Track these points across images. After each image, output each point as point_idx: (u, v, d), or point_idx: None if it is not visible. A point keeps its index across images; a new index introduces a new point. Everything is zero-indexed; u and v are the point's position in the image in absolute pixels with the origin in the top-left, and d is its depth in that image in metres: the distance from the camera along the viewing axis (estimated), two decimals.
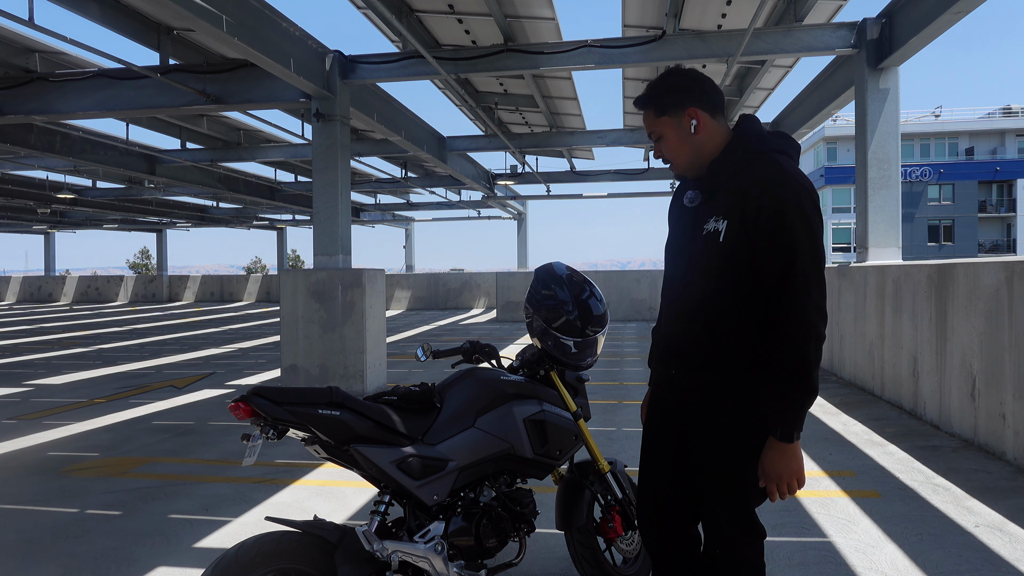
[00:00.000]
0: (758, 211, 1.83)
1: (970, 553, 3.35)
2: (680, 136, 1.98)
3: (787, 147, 1.97)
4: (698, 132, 1.96)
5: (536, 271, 2.93)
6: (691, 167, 2.01)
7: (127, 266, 62.68)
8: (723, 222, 1.89)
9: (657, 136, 2.02)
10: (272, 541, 2.10)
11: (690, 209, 2.03)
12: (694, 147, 1.98)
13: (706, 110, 1.97)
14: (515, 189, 24.00)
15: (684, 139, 1.98)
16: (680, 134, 1.98)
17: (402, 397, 2.52)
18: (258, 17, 7.01)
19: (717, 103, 1.99)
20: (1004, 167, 49.28)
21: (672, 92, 1.99)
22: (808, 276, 1.81)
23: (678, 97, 1.97)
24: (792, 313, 1.80)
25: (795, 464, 1.85)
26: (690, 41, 8.37)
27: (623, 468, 3.07)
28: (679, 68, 2.06)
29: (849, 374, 8.10)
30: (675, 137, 1.98)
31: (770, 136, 1.98)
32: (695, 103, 1.96)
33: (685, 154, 1.99)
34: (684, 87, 1.98)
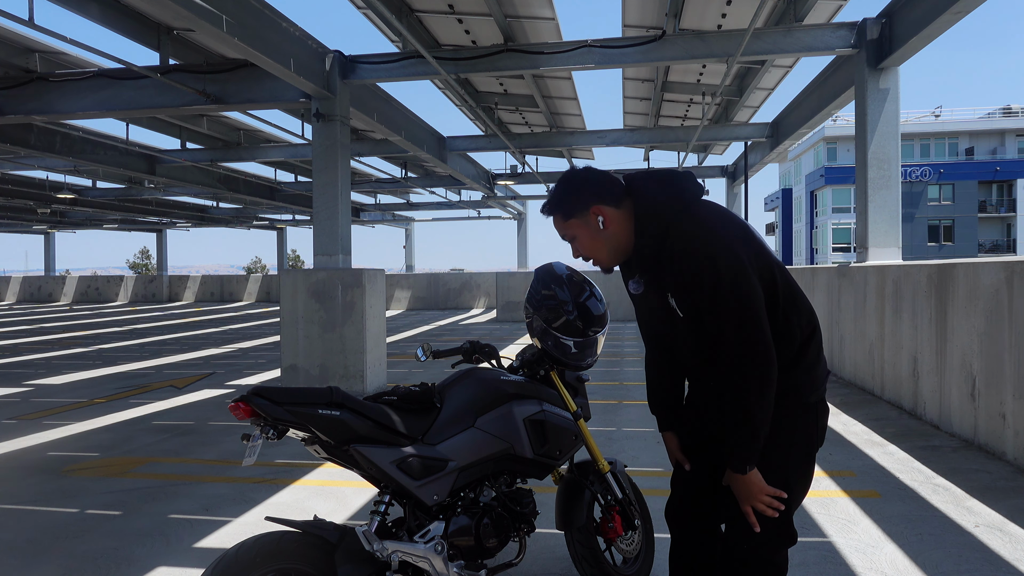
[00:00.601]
0: (684, 289, 1.95)
1: (970, 553, 3.35)
2: (591, 234, 2.07)
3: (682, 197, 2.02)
4: (607, 227, 2.05)
5: (536, 271, 2.93)
6: (613, 258, 2.10)
7: (127, 266, 62.72)
8: (672, 299, 2.00)
9: (570, 238, 2.11)
10: (272, 541, 2.10)
11: (640, 295, 2.14)
12: (608, 240, 2.07)
13: (609, 204, 2.04)
14: (515, 189, 23.99)
15: (596, 236, 2.07)
16: (591, 232, 2.06)
17: (402, 397, 2.52)
18: (258, 17, 7.01)
19: (617, 193, 2.06)
20: (1004, 167, 49.29)
21: (573, 195, 2.06)
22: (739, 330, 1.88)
23: (580, 199, 2.05)
24: (735, 361, 1.89)
25: (754, 488, 1.96)
26: (690, 41, 8.37)
27: (623, 468, 3.07)
28: (575, 169, 2.13)
29: (849, 374, 8.10)
30: (588, 236, 2.07)
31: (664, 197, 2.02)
32: (597, 200, 2.04)
33: (602, 249, 2.08)
34: (583, 188, 2.06)
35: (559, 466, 2.88)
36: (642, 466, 4.88)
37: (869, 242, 8.17)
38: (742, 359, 1.88)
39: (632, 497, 3.02)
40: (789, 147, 13.96)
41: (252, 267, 62.27)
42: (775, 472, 2.00)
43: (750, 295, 1.89)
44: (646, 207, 2.02)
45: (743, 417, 1.90)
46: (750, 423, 1.89)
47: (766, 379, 1.88)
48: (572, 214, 2.07)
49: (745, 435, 1.91)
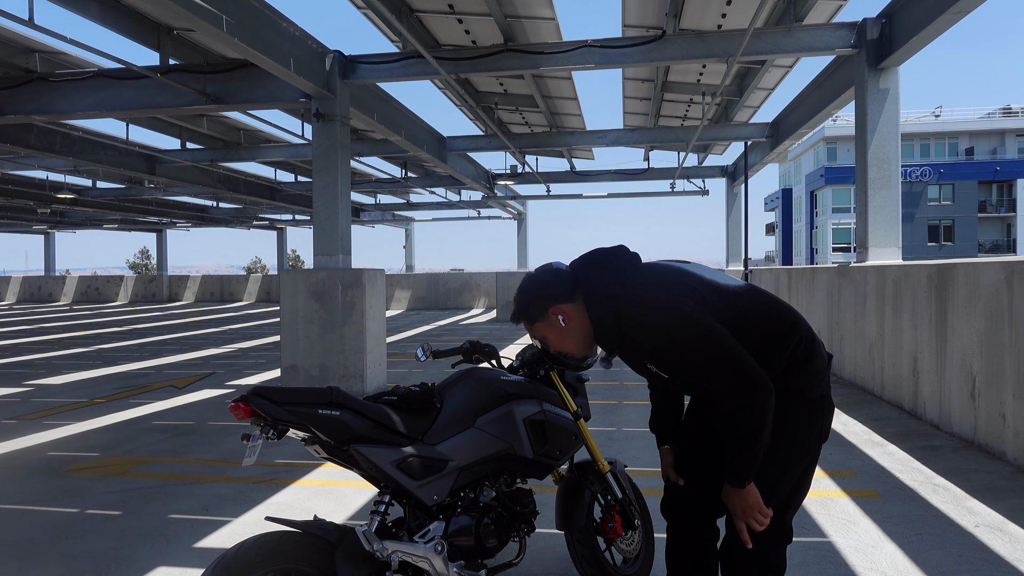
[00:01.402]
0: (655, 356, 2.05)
1: (970, 553, 3.35)
2: (557, 332, 2.20)
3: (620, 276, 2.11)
4: (568, 323, 2.17)
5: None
6: (582, 348, 2.23)
7: (127, 266, 62.73)
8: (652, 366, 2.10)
9: (541, 338, 2.25)
10: (272, 541, 2.10)
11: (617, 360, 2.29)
12: (573, 334, 2.19)
13: (564, 301, 2.17)
14: (515, 189, 23.99)
15: (561, 333, 2.20)
16: (556, 330, 2.20)
17: (402, 397, 2.52)
18: (258, 17, 7.01)
19: (568, 290, 2.17)
20: (1004, 167, 49.28)
21: (532, 303, 2.21)
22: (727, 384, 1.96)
23: (538, 304, 2.20)
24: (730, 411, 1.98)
25: (750, 500, 2.04)
26: (690, 41, 8.37)
27: (623, 468, 3.07)
28: (529, 276, 2.28)
29: (849, 374, 8.10)
30: (554, 334, 2.21)
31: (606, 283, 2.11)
32: (552, 302, 2.17)
33: (571, 342, 2.21)
34: (538, 294, 2.20)
35: (559, 466, 2.88)
36: (642, 466, 4.88)
37: (869, 242, 8.17)
38: (735, 403, 1.96)
39: (632, 497, 3.02)
40: (789, 147, 13.96)
41: (252, 267, 62.29)
42: (773, 467, 2.07)
43: (708, 338, 1.96)
44: (593, 299, 2.13)
45: (745, 444, 1.98)
46: (752, 449, 1.98)
47: (763, 406, 1.95)
48: (535, 319, 2.21)
49: (746, 457, 1.99)
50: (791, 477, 2.10)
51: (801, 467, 2.11)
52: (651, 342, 2.01)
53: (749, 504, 2.03)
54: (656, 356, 2.04)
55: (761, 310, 2.08)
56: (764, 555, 2.12)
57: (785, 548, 2.17)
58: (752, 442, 1.96)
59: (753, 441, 1.96)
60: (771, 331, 2.06)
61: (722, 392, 1.96)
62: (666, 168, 18.81)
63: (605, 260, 2.19)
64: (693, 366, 1.98)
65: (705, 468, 2.28)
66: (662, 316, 1.99)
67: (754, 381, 1.93)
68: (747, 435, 1.96)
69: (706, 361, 1.95)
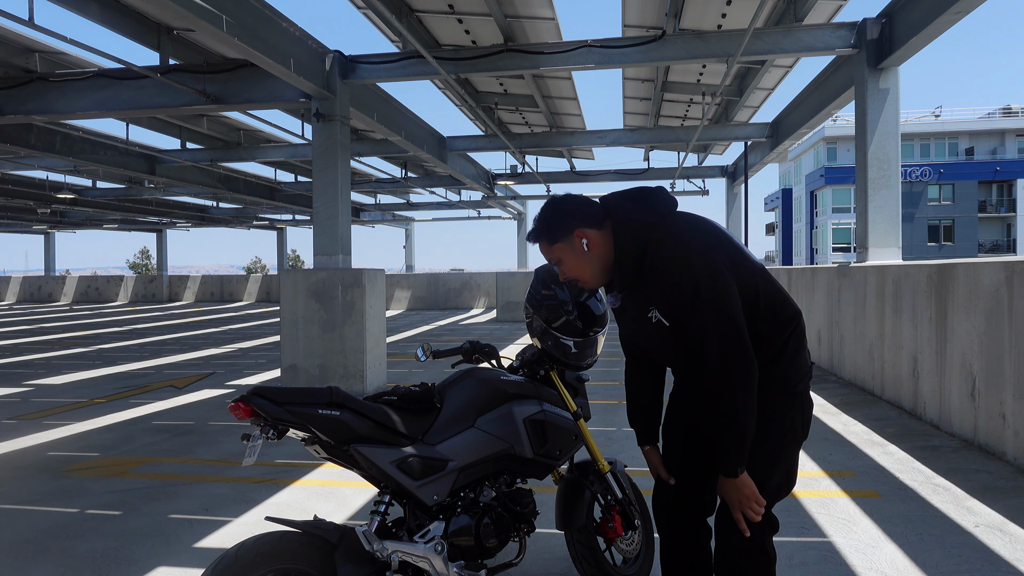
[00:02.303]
0: (666, 299, 2.02)
1: (970, 553, 3.35)
2: (577, 257, 2.14)
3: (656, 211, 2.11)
4: (591, 248, 2.13)
5: (536, 271, 2.93)
6: (598, 278, 2.18)
7: (127, 266, 62.74)
8: (655, 311, 2.07)
9: (556, 261, 2.18)
10: (272, 541, 2.10)
11: (619, 308, 2.22)
12: (592, 262, 2.15)
13: (591, 226, 2.13)
14: (515, 189, 23.99)
15: (581, 258, 2.14)
16: (576, 255, 2.14)
17: (402, 397, 2.52)
18: (258, 17, 7.01)
19: (597, 216, 2.15)
20: (1004, 167, 49.28)
21: (557, 221, 2.15)
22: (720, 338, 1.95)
23: (565, 223, 2.14)
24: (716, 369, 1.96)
25: (745, 491, 2.02)
26: (690, 41, 8.37)
27: (623, 468, 3.06)
28: (557, 196, 2.22)
29: (849, 374, 8.10)
30: (573, 259, 2.15)
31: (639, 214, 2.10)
32: (580, 224, 2.12)
33: (588, 270, 2.16)
34: (566, 213, 2.15)
35: (559, 466, 2.88)
36: (642, 466, 4.88)
37: (869, 242, 8.17)
38: (724, 362, 1.94)
39: (632, 497, 3.02)
40: (789, 147, 13.96)
41: (252, 267, 62.29)
42: (763, 459, 2.07)
43: (726, 297, 1.96)
44: (624, 225, 2.10)
45: (729, 419, 1.96)
46: (737, 424, 1.95)
47: (748, 379, 1.94)
48: (557, 239, 2.15)
49: (733, 438, 1.96)
50: (782, 468, 2.12)
51: (791, 458, 2.14)
52: (672, 281, 1.98)
53: (745, 495, 2.01)
54: (669, 299, 2.00)
55: (771, 291, 2.09)
56: (759, 547, 2.12)
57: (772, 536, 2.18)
58: (736, 417, 1.94)
59: (738, 416, 1.94)
60: (775, 314, 2.08)
61: (717, 356, 1.93)
62: (666, 168, 18.82)
63: (643, 196, 2.16)
64: (700, 313, 1.95)
65: (692, 468, 2.28)
66: (692, 260, 1.97)
67: (749, 355, 1.94)
68: (731, 408, 1.93)
69: (718, 320, 1.94)
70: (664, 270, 2.00)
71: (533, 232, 2.21)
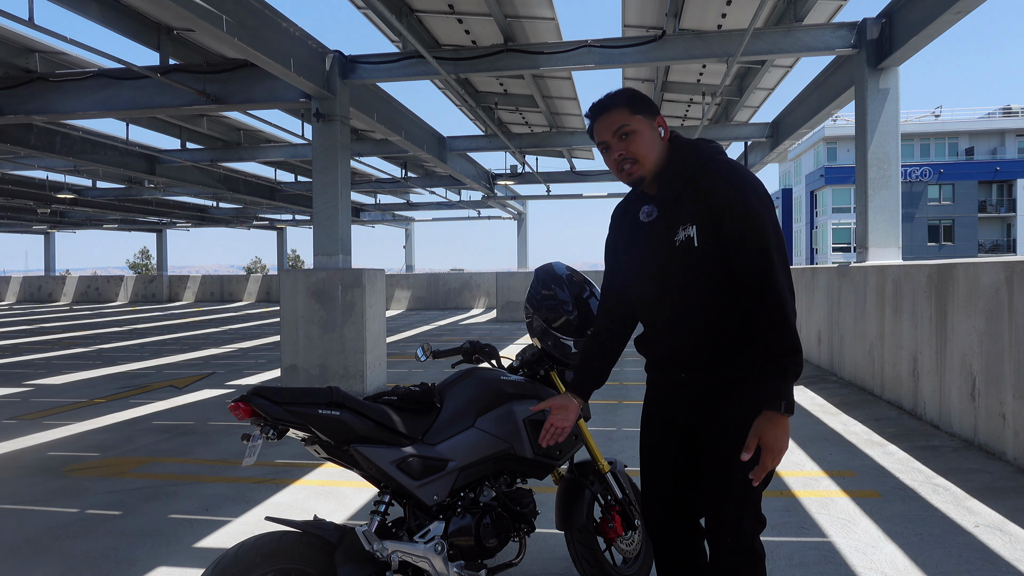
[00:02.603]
0: (723, 211, 1.94)
1: (970, 553, 3.35)
2: (651, 136, 2.06)
3: (720, 149, 2.09)
4: (664, 138, 2.09)
5: (536, 271, 2.93)
6: (654, 166, 2.07)
7: (127, 266, 62.72)
8: (692, 228, 1.98)
9: (627, 132, 2.05)
10: (272, 541, 2.10)
11: (647, 223, 2.11)
12: (659, 150, 2.07)
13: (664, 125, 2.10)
14: (515, 189, 23.99)
15: (653, 140, 2.07)
16: (651, 134, 2.06)
17: (402, 397, 2.52)
18: (258, 17, 7.01)
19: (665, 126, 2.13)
20: (1004, 167, 49.28)
21: (643, 98, 2.08)
22: (777, 263, 1.92)
23: (650, 104, 2.09)
24: (773, 295, 1.90)
25: (788, 434, 1.93)
26: (690, 41, 8.37)
27: (623, 468, 3.06)
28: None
29: (849, 374, 8.10)
30: (647, 136, 2.05)
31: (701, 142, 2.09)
32: (659, 114, 2.10)
33: (653, 153, 2.06)
34: (650, 100, 2.10)
35: (559, 466, 2.88)
36: None
37: (869, 242, 8.17)
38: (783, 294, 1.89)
39: (632, 497, 3.02)
40: (789, 147, 13.95)
41: (252, 267, 62.28)
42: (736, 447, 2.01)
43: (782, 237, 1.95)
44: (686, 142, 2.09)
45: (794, 349, 1.88)
46: (799, 354, 1.88)
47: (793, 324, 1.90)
48: (639, 111, 2.06)
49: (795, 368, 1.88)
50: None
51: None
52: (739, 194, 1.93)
53: (787, 439, 1.90)
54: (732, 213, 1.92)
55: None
56: (750, 545, 2.09)
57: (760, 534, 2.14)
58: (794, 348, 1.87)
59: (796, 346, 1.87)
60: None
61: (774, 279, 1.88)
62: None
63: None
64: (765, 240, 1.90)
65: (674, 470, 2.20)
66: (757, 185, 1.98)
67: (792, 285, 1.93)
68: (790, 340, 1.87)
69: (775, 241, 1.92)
70: (728, 183, 1.95)
71: (609, 98, 2.09)
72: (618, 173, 2.10)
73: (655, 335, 2.17)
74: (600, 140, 2.10)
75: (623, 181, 2.10)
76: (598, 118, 2.10)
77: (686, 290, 2.03)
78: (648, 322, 2.19)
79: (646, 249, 2.11)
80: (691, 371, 2.09)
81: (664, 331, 2.13)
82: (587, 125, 2.17)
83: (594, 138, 2.14)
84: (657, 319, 2.14)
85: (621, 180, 2.11)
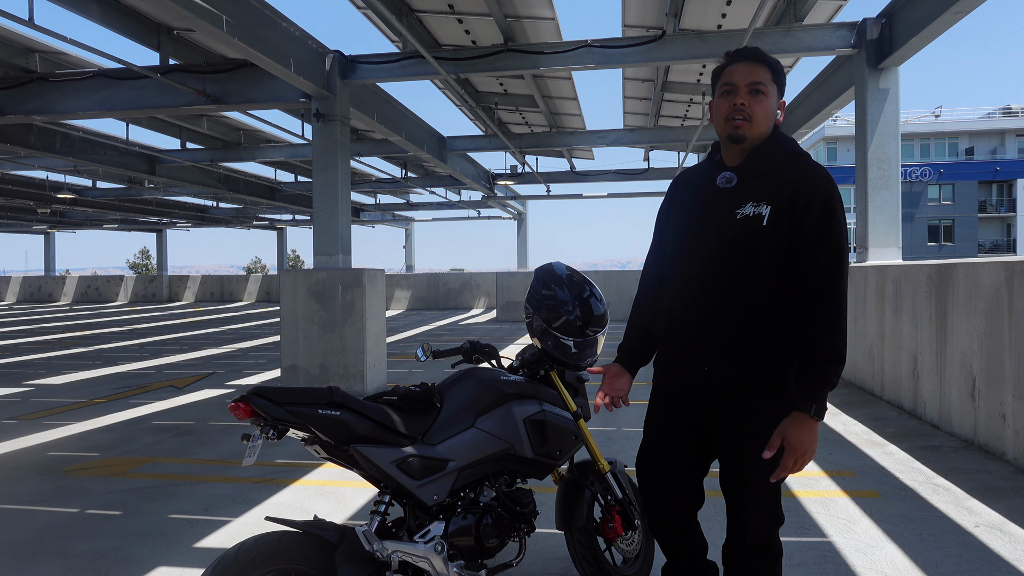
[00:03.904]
0: (808, 205, 1.97)
1: (970, 553, 3.35)
2: (771, 106, 2.08)
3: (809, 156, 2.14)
4: (778, 120, 2.12)
5: (536, 271, 2.93)
6: (758, 137, 2.07)
7: (127, 266, 62.67)
8: (766, 207, 1.99)
9: (760, 90, 2.05)
10: (272, 541, 2.10)
11: (720, 191, 2.08)
12: (771, 121, 2.09)
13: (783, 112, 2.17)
14: (515, 189, 24.00)
15: (772, 114, 2.09)
16: (771, 104, 2.08)
17: (402, 397, 2.52)
18: (258, 17, 7.01)
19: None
20: (1004, 167, 49.27)
21: (784, 76, 2.12)
22: (845, 271, 1.96)
23: (784, 83, 2.13)
24: (835, 301, 1.93)
25: (816, 439, 1.92)
26: (690, 41, 8.37)
27: (623, 468, 3.06)
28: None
29: (849, 374, 8.10)
30: (770, 103, 2.07)
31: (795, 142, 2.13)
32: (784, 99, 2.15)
33: (766, 124, 2.07)
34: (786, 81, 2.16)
35: (559, 466, 2.88)
36: None
37: (869, 242, 8.17)
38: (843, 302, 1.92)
39: (632, 497, 3.02)
40: None
41: (252, 267, 62.23)
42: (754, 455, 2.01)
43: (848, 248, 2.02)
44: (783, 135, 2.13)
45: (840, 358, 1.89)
46: (843, 363, 1.90)
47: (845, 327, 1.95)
48: (778, 83, 2.09)
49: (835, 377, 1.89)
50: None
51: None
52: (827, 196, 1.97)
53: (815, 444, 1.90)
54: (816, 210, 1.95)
55: None
56: (767, 542, 2.09)
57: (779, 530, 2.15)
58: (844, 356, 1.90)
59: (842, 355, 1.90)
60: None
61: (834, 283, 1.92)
62: (666, 168, 18.82)
63: None
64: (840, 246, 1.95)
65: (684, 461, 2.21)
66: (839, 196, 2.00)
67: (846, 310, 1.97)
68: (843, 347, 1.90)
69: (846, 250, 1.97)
70: (818, 185, 1.98)
71: (761, 54, 2.09)
72: (724, 121, 2.06)
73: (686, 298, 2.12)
74: (729, 82, 2.07)
75: (723, 132, 2.08)
76: (741, 62, 2.08)
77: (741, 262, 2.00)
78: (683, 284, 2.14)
79: (706, 214, 2.09)
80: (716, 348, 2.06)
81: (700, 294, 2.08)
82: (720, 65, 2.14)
83: (720, 78, 2.11)
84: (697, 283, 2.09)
85: (721, 130, 2.09)
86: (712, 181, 2.11)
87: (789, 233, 1.97)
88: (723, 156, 2.14)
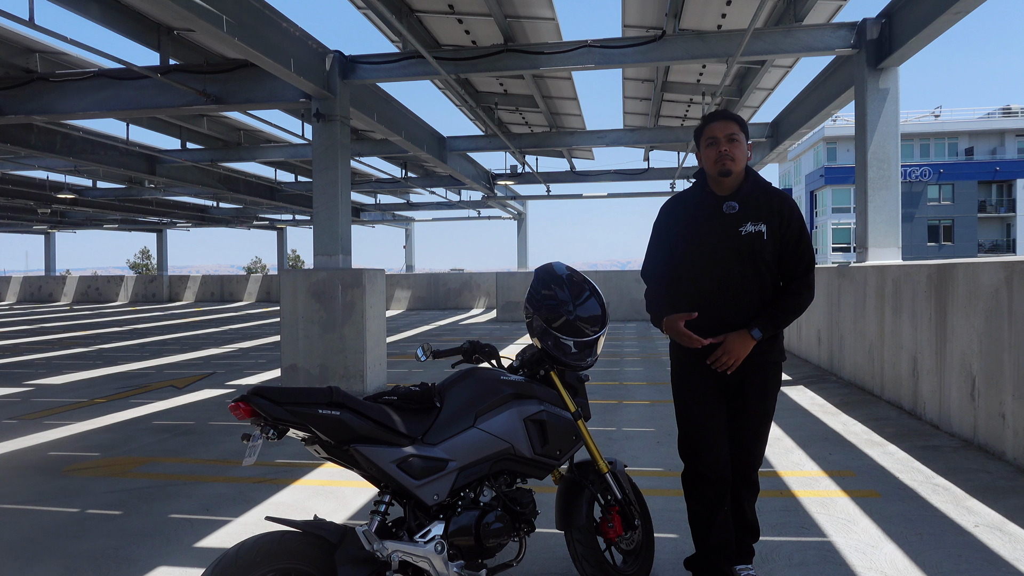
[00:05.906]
0: (789, 223, 2.83)
1: (970, 553, 3.35)
2: (745, 148, 2.85)
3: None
4: (748, 159, 2.89)
5: (536, 271, 2.93)
6: (739, 173, 2.83)
7: (127, 266, 62.68)
8: (763, 225, 2.79)
9: (735, 139, 2.81)
10: (272, 541, 2.10)
11: (726, 215, 2.83)
12: (745, 161, 2.85)
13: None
14: (515, 189, 24.00)
15: (745, 156, 2.85)
16: (745, 147, 2.85)
17: (402, 397, 2.52)
18: (258, 17, 7.01)
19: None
20: (1004, 167, 49.27)
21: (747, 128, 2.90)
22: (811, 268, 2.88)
23: (748, 131, 2.92)
24: (810, 280, 2.86)
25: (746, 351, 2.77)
26: (690, 41, 8.37)
27: (623, 468, 3.07)
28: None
29: (849, 374, 8.10)
30: (743, 150, 2.83)
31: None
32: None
33: (742, 163, 2.84)
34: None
35: (559, 466, 2.88)
36: (642, 466, 4.89)
37: (869, 242, 8.17)
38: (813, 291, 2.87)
39: (632, 497, 3.02)
40: (789, 147, 13.96)
41: (252, 267, 62.23)
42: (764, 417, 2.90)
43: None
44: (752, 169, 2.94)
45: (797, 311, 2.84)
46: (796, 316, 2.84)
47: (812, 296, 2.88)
48: (743, 131, 2.85)
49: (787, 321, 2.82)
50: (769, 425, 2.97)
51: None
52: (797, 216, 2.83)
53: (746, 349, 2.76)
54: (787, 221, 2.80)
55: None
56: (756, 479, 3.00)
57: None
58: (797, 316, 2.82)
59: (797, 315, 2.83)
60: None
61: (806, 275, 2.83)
62: (666, 168, 18.83)
63: None
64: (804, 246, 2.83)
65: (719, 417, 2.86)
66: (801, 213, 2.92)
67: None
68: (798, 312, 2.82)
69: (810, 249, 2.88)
70: (792, 207, 2.85)
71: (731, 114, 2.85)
72: (714, 163, 2.81)
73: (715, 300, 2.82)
74: (712, 135, 2.82)
75: (713, 169, 2.82)
76: (719, 121, 2.84)
77: (755, 268, 2.80)
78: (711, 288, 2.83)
79: (722, 232, 2.81)
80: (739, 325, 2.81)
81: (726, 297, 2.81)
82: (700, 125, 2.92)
83: (703, 133, 2.86)
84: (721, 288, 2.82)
85: (712, 168, 2.83)
86: (719, 209, 2.84)
87: (779, 240, 2.81)
88: (712, 188, 2.88)
